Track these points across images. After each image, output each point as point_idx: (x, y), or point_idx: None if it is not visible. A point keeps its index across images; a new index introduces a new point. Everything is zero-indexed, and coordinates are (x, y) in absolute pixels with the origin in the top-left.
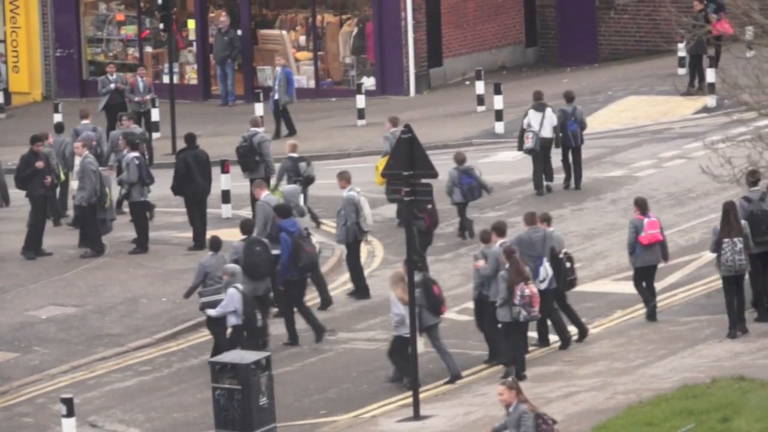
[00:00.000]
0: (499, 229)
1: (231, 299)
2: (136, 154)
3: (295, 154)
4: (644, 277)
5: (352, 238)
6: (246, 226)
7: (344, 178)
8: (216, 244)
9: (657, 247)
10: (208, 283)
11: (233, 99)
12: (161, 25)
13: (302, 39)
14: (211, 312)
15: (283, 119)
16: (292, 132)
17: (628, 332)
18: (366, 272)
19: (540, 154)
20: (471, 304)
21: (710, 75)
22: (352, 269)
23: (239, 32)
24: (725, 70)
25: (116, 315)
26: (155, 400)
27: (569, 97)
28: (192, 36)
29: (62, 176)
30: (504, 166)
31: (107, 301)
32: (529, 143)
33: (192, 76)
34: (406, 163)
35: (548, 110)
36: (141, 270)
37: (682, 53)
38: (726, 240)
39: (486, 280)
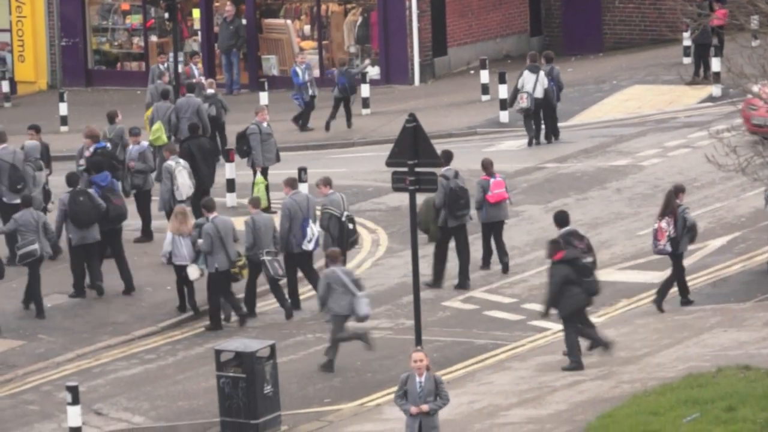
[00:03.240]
0: (255, 202)
1: None
2: (147, 143)
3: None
4: (493, 232)
5: (168, 207)
6: (71, 179)
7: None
8: (28, 201)
9: (503, 204)
10: (26, 237)
11: (238, 88)
12: (166, 15)
13: (307, 28)
14: None
15: (308, 110)
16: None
17: (633, 321)
18: (370, 261)
19: (533, 113)
20: (477, 294)
21: (716, 64)
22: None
23: (244, 21)
24: (731, 60)
25: (121, 303)
26: (160, 388)
27: (548, 58)
28: (197, 25)
29: (164, 138)
30: (509, 154)
31: (112, 290)
32: (524, 103)
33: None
34: (411, 152)
35: (542, 72)
36: (146, 258)
37: (687, 42)
38: None
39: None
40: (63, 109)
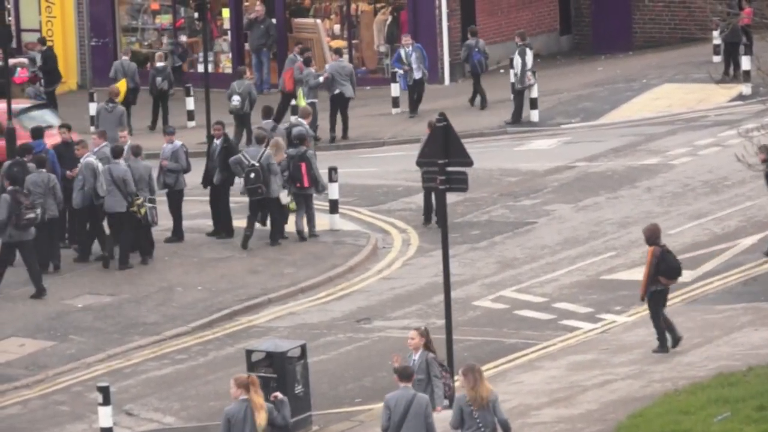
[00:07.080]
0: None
1: None
2: (181, 142)
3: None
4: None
5: (88, 202)
6: (22, 148)
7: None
8: (42, 161)
9: None
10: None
11: (268, 87)
12: (196, 14)
13: (337, 27)
14: None
15: (417, 95)
16: (413, 111)
17: None
18: (401, 261)
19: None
20: (507, 293)
21: (745, 63)
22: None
23: (273, 21)
24: (760, 58)
25: (152, 303)
26: (191, 389)
27: (473, 32)
28: (226, 25)
29: (303, 102)
30: (539, 154)
31: (143, 290)
32: (532, 80)
33: (227, 65)
34: (442, 152)
35: (527, 49)
36: (176, 259)
37: (717, 41)
38: None
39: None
40: (93, 108)
